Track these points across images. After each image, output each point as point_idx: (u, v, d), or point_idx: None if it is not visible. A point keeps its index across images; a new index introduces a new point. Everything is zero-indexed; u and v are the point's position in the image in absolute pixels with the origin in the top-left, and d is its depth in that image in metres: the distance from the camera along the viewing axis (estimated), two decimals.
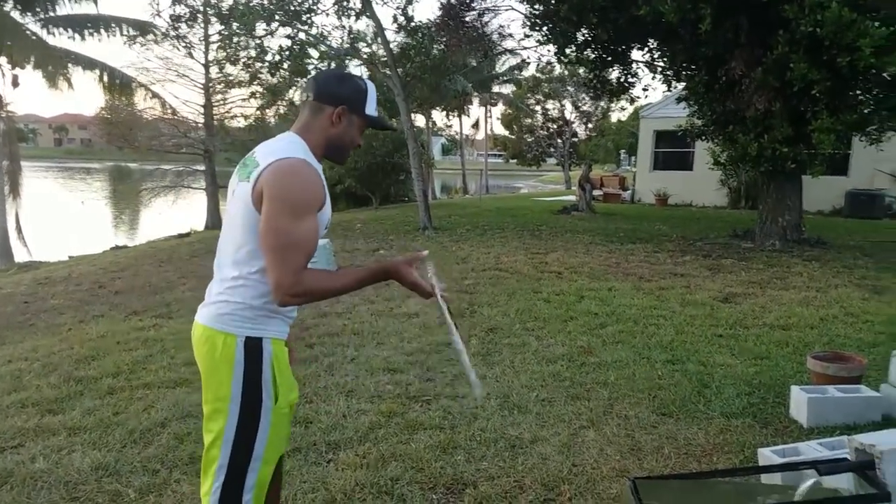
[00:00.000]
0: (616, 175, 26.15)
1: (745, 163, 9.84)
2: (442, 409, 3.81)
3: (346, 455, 3.25)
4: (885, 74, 8.42)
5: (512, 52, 19.44)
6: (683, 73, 10.72)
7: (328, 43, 14.00)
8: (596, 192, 21.05)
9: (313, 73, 16.04)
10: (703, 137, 11.69)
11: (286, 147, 1.86)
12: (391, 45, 13.63)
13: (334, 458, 3.25)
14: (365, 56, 15.76)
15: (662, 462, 3.18)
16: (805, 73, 8.00)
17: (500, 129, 50.16)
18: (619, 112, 40.52)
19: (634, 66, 11.59)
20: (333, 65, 14.67)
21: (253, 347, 1.82)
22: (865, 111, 9.00)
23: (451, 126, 47.36)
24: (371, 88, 1.96)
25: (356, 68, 14.52)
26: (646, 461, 3.18)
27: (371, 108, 1.95)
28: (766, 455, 2.81)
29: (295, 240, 1.75)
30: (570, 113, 38.79)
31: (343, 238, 11.41)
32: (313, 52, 14.68)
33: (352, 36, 13.39)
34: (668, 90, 11.50)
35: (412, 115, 28.16)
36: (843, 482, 2.31)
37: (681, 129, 12.21)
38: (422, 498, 2.85)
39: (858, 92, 9.15)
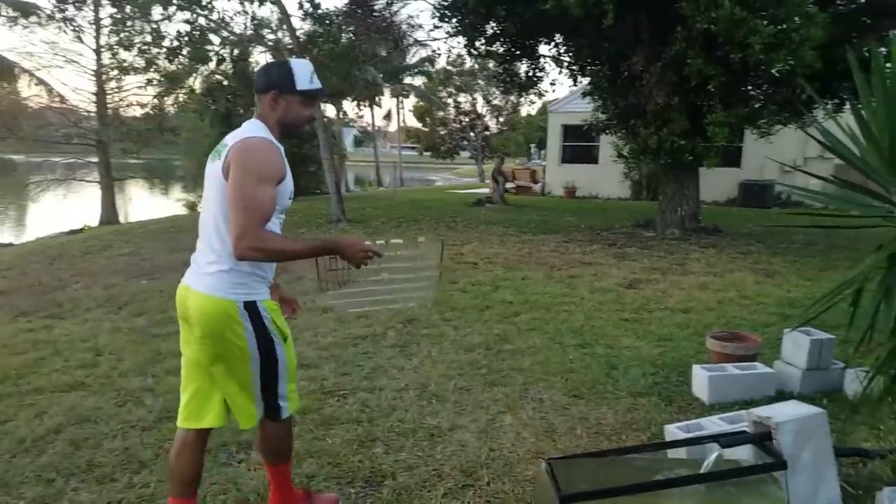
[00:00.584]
0: (527, 168, 26.70)
1: (645, 155, 10.28)
2: (359, 402, 3.76)
3: (258, 455, 3.14)
4: (773, 71, 8.98)
5: (422, 44, 19.44)
6: (588, 67, 11.06)
7: (230, 29, 13.49)
8: (508, 185, 21.45)
9: (214, 59, 15.46)
10: (607, 131, 12.12)
11: (250, 129, 2.22)
12: (298, 33, 13.30)
13: (246, 457, 3.14)
14: (270, 43, 15.32)
15: (575, 442, 3.27)
16: (701, 68, 8.42)
17: (412, 122, 50.09)
18: (529, 106, 41.43)
19: (542, 60, 11.86)
20: (236, 51, 14.17)
21: (252, 309, 2.20)
22: (756, 105, 9.60)
23: (362, 117, 46.77)
24: (297, 65, 2.26)
25: (260, 55, 14.06)
26: (560, 442, 3.26)
27: (303, 83, 2.23)
28: (672, 431, 2.93)
29: (257, 202, 2.07)
30: (481, 106, 39.24)
31: None
32: (214, 38, 14.12)
33: (255, 22, 12.96)
34: (574, 85, 11.87)
35: (322, 104, 27.69)
36: (744, 453, 2.45)
37: (586, 124, 12.60)
38: (339, 493, 2.80)
39: (750, 87, 9.74)
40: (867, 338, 3.09)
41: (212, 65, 21.25)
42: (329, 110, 30.47)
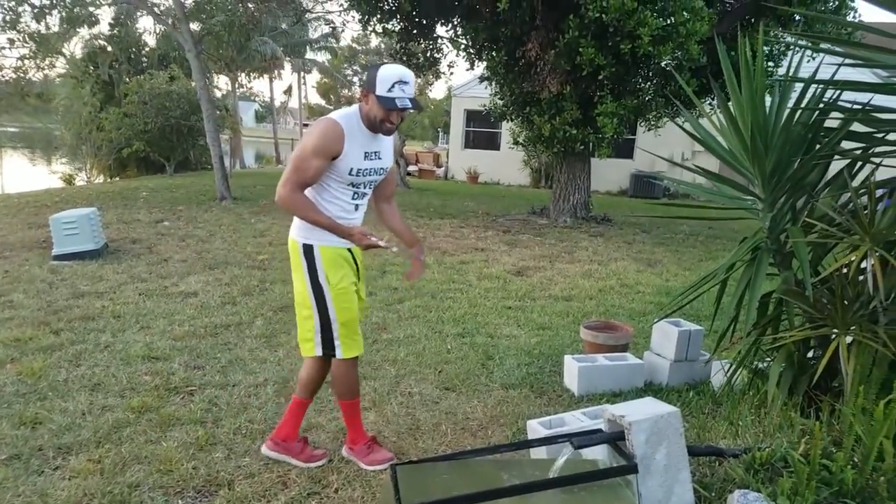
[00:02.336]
0: (431, 151, 26.52)
1: (540, 143, 10.30)
2: (206, 400, 3.40)
3: (78, 461, 2.75)
4: (663, 64, 9.18)
5: (322, 18, 18.70)
6: (485, 52, 10.93)
7: None
8: (412, 168, 21.19)
9: (87, 22, 14.14)
10: (505, 118, 12.09)
11: (342, 110, 2.63)
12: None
13: (63, 464, 2.73)
14: (155, 8, 14.24)
15: (439, 440, 3.08)
16: (593, 57, 8.45)
17: (316, 98, 48.68)
18: (429, 88, 41.17)
19: (439, 41, 11.60)
20: (113, 10, 13.00)
21: (308, 252, 2.64)
22: (646, 98, 9.79)
23: (251, 88, 44.97)
24: (383, 71, 2.51)
25: (142, 18, 12.98)
26: (422, 440, 3.06)
27: (382, 89, 2.48)
28: (534, 427, 2.80)
29: (302, 167, 2.50)
30: None
31: (122, 208, 10.22)
32: None
33: None
34: (471, 68, 11.66)
35: (216, 75, 26.25)
36: (601, 453, 2.33)
37: (485, 109, 12.51)
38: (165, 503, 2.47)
39: (640, 79, 9.92)
40: (731, 330, 3.09)
41: (95, 29, 19.63)
42: (222, 81, 28.98)
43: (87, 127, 20.30)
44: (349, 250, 2.70)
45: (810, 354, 2.75)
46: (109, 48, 22.54)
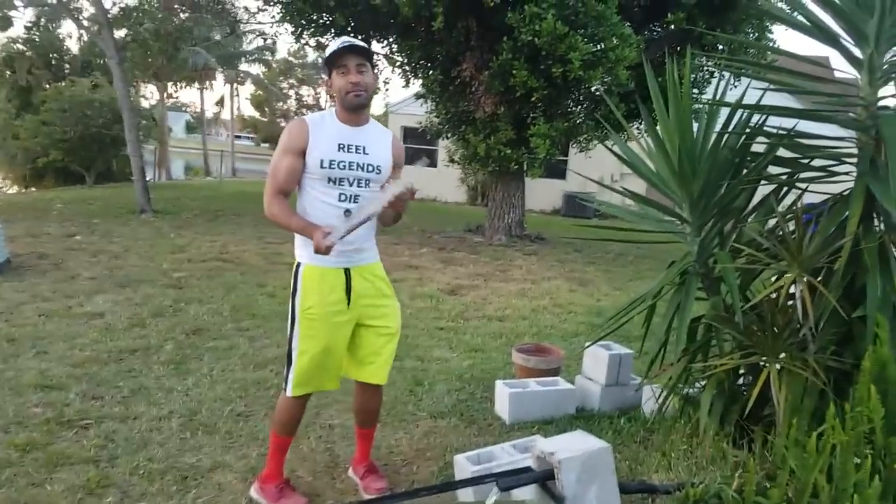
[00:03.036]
0: None
1: (475, 162, 10.28)
2: (103, 435, 3.09)
3: None
4: (593, 89, 9.32)
5: (261, 34, 18.28)
6: (421, 70, 10.86)
7: None
8: None
9: (3, 22, 13.36)
10: (442, 136, 12.04)
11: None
12: (113, 3, 11.95)
13: None
14: (76, 12, 13.58)
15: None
16: (525, 79, 8.50)
17: (250, 111, 47.63)
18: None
19: (375, 57, 11.48)
20: (31, 11, 12.31)
21: (296, 269, 2.48)
22: (577, 121, 9.92)
23: (194, 103, 43.75)
24: (329, 46, 2.38)
25: (65, 23, 12.36)
26: (340, 479, 2.85)
27: (331, 57, 2.33)
28: (461, 463, 2.64)
29: (273, 171, 2.42)
30: (325, 101, 38.24)
31: (33, 220, 9.56)
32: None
33: None
34: (406, 86, 11.58)
35: (143, 84, 25.31)
36: (530, 493, 2.19)
37: (422, 126, 12.44)
38: None
39: (571, 102, 10.05)
40: (661, 355, 3.02)
41: (11, 32, 18.58)
42: (150, 90, 27.98)
43: (0, 135, 19.15)
44: (346, 273, 2.44)
45: (740, 381, 2.70)
46: (28, 52, 21.42)
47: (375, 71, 2.43)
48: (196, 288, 6.06)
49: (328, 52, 2.36)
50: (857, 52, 2.26)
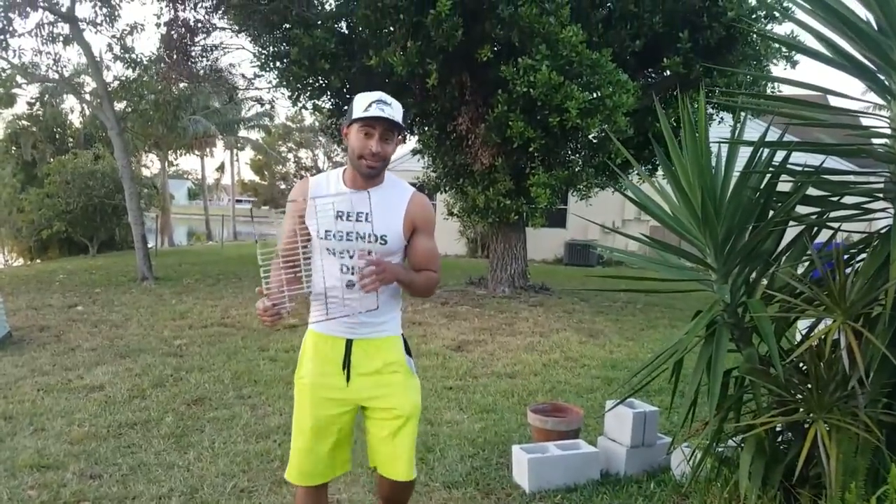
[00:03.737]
0: None
1: (474, 214, 10.21)
2: None
3: None
4: (590, 136, 9.32)
5: (259, 101, 18.59)
6: (416, 126, 10.92)
7: (31, 70, 11.89)
8: None
9: (7, 100, 13.53)
10: (440, 190, 12.03)
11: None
12: (113, 77, 12.15)
13: None
14: (77, 86, 13.80)
15: None
16: (522, 130, 8.49)
17: (249, 175, 48.18)
18: None
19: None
20: (37, 88, 12.49)
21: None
22: (576, 169, 9.89)
23: (195, 170, 44.35)
24: (358, 97, 2.08)
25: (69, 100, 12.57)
26: None
27: (358, 111, 2.04)
28: None
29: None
30: (322, 162, 38.70)
31: (35, 292, 9.43)
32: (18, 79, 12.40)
33: (59, 64, 11.59)
34: (403, 142, 11.64)
35: (144, 154, 25.62)
36: None
37: (419, 182, 12.45)
38: None
39: (569, 151, 10.05)
40: (691, 415, 2.83)
41: (16, 108, 18.90)
42: (151, 160, 28.32)
43: (6, 208, 19.30)
44: (347, 346, 2.18)
45: (779, 439, 2.51)
46: (32, 128, 21.77)
47: (400, 137, 2.18)
48: (197, 355, 5.88)
49: (356, 105, 2.07)
50: (884, 80, 2.16)
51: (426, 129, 10.18)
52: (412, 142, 11.58)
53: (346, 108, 10.75)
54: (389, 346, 2.23)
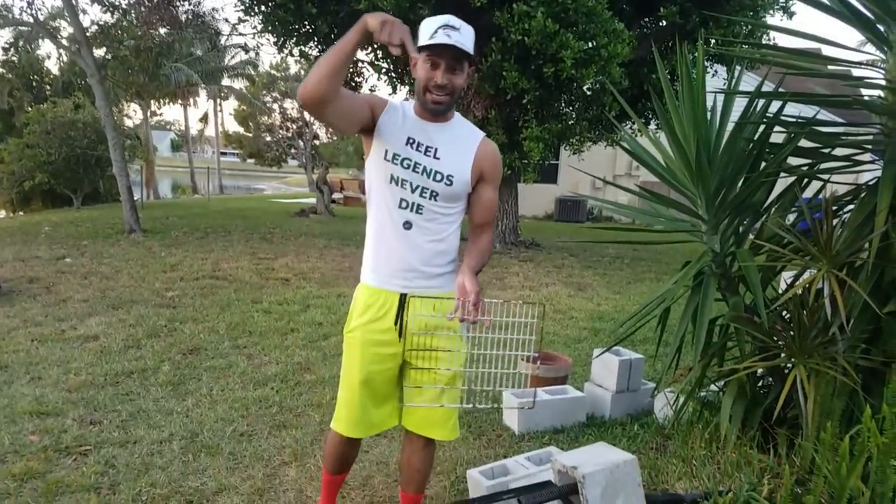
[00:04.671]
0: (356, 179, 26.19)
1: None
2: (103, 461, 2.96)
3: None
4: (585, 88, 9.24)
5: (239, 46, 18.16)
6: (407, 76, 10.76)
7: (7, 13, 11.54)
8: (336, 195, 20.78)
9: None
10: None
11: None
12: (91, 21, 11.80)
13: None
14: (53, 31, 13.41)
15: (370, 495, 2.77)
16: (516, 81, 8.40)
17: (234, 126, 47.40)
18: None
19: (360, 64, 11.37)
20: (10, 33, 12.18)
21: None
22: (570, 122, 9.84)
23: (178, 121, 43.52)
24: (426, 21, 1.92)
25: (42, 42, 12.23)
26: (351, 497, 2.74)
27: (424, 37, 1.89)
28: (475, 477, 2.54)
29: None
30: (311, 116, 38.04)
31: (21, 244, 9.37)
32: None
33: (32, 6, 11.23)
34: (394, 92, 11.47)
35: (126, 103, 25.10)
36: None
37: None
38: None
39: (563, 103, 9.98)
40: (675, 361, 2.93)
41: None
42: (133, 109, 27.78)
43: None
44: (401, 300, 2.05)
45: (760, 383, 2.61)
46: (8, 75, 21.22)
47: (470, 70, 1.99)
48: (190, 307, 5.92)
49: (423, 31, 1.91)
50: (883, 30, 2.17)
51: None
52: (403, 92, 11.42)
53: None
54: (443, 304, 2.03)
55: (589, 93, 9.26)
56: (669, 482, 2.52)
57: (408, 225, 2.03)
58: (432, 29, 1.89)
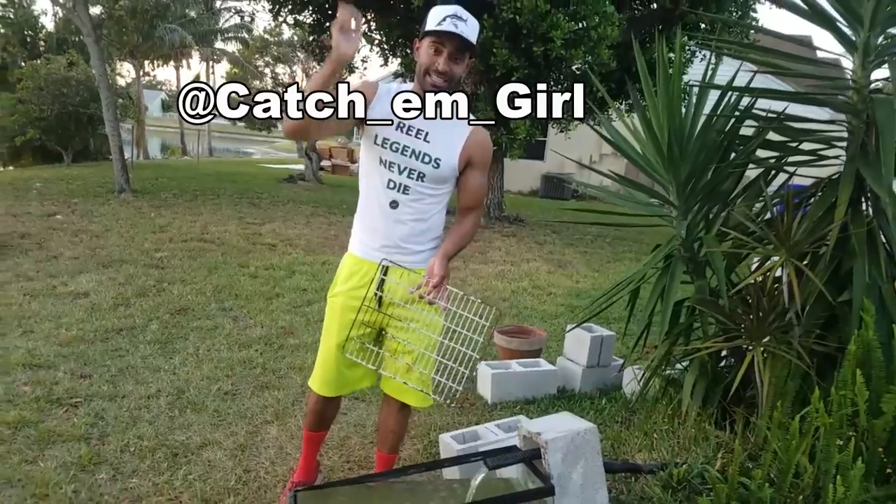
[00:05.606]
0: (345, 147, 26.06)
1: None
2: (93, 413, 3.08)
3: None
4: (574, 68, 9.28)
5: (233, 9, 17.94)
6: (399, 48, 10.73)
7: None
8: (325, 163, 20.71)
9: None
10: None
11: None
12: None
13: None
14: None
15: (346, 455, 2.91)
16: (506, 58, 8.43)
17: None
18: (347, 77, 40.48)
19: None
20: None
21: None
22: None
23: (169, 81, 42.92)
24: (434, 9, 2.01)
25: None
26: (329, 456, 2.89)
27: (431, 24, 1.99)
28: (446, 441, 2.68)
29: None
30: (301, 79, 37.67)
31: (13, 199, 9.35)
32: None
33: None
34: (385, 64, 11.44)
35: (119, 62, 24.79)
36: (515, 472, 2.23)
37: None
38: None
39: (552, 82, 10.01)
40: (644, 337, 3.08)
41: None
42: (126, 69, 27.41)
43: None
44: (383, 270, 2.13)
45: (722, 364, 2.77)
46: (2, 30, 20.88)
47: (471, 62, 2.08)
48: (178, 268, 6.01)
49: (430, 17, 2.00)
50: (850, 34, 2.28)
51: (409, 51, 10.01)
52: (394, 64, 11.39)
53: (327, 23, 10.59)
54: (412, 277, 2.13)
55: (578, 73, 9.30)
56: (631, 453, 2.68)
57: (394, 204, 2.13)
58: (441, 16, 1.97)
